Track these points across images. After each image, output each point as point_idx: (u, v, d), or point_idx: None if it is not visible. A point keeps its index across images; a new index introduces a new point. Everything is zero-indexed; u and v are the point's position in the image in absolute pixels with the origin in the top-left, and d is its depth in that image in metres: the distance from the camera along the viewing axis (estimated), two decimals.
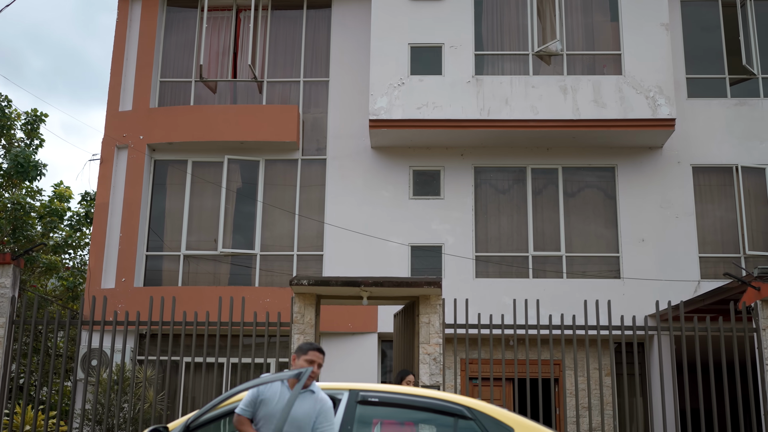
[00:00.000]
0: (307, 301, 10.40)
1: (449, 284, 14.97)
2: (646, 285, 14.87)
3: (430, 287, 10.00)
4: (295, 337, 10.29)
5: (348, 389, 6.47)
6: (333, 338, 15.13)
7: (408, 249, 15.66)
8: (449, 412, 6.30)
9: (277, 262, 15.99)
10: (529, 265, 15.54)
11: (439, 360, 10.13)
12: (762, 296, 10.02)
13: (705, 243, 15.58)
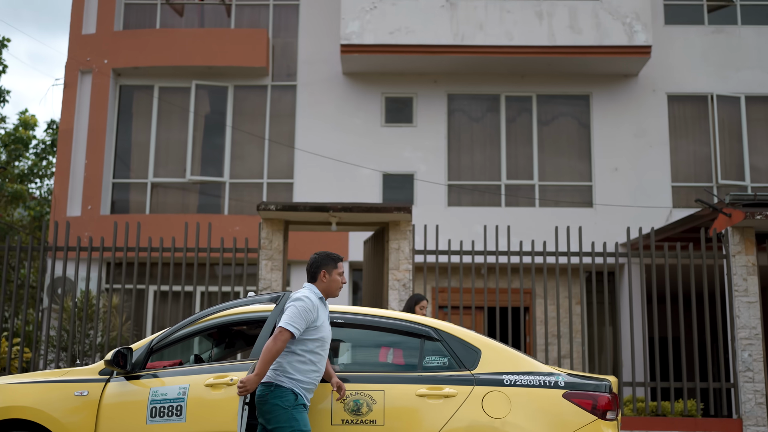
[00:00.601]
0: (275, 227, 10.20)
1: (421, 213, 14.83)
2: (619, 214, 14.81)
3: (400, 213, 9.83)
4: (263, 264, 10.13)
5: None
6: (302, 266, 14.98)
7: (380, 177, 15.45)
8: (416, 333, 6.19)
9: (246, 190, 15.75)
10: (501, 194, 15.41)
11: (408, 286, 10.02)
12: (733, 223, 9.95)
13: (678, 172, 15.50)
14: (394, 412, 5.82)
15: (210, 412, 5.78)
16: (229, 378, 5.87)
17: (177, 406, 5.86)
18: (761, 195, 10.24)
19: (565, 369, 6.41)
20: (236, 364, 6.01)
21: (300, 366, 5.58)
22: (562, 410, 5.86)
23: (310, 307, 5.60)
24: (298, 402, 5.52)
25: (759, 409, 9.67)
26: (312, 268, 5.84)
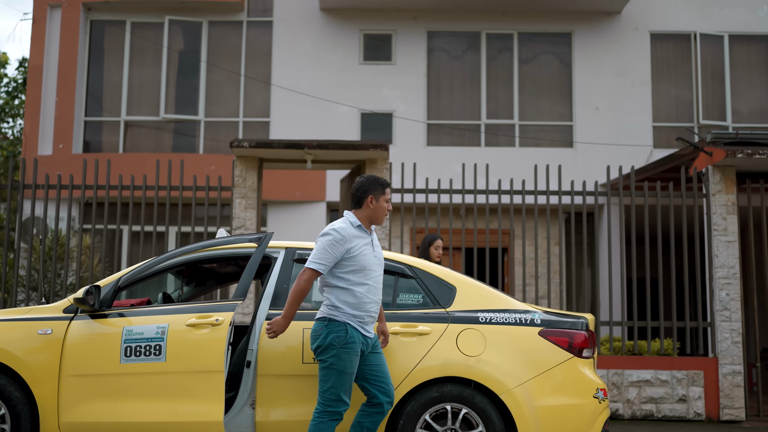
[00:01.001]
0: (249, 164, 9.98)
1: (400, 152, 14.62)
2: (599, 155, 14.65)
3: (377, 150, 9.63)
4: (237, 202, 9.92)
5: (284, 247, 6.17)
6: (280, 207, 14.81)
7: (358, 116, 15.19)
8: (390, 270, 6.04)
9: (222, 129, 15.45)
10: (481, 133, 15.20)
11: (385, 225, 9.86)
12: (714, 161, 9.83)
13: (659, 112, 15.34)
14: None
15: (193, 352, 5.69)
16: (214, 318, 5.74)
17: (155, 345, 5.73)
18: (743, 133, 10.09)
19: (542, 307, 6.30)
20: (221, 304, 5.88)
21: (349, 299, 5.35)
22: (537, 348, 5.77)
23: (338, 239, 5.31)
24: (349, 340, 5.30)
25: (735, 348, 9.67)
26: (358, 192, 5.52)
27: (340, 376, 5.29)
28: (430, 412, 5.63)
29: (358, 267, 5.39)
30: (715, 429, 9.06)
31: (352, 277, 5.38)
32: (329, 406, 5.31)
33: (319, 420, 5.31)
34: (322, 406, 5.31)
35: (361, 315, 5.38)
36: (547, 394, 5.68)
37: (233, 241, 6.35)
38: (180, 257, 6.20)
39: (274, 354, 5.73)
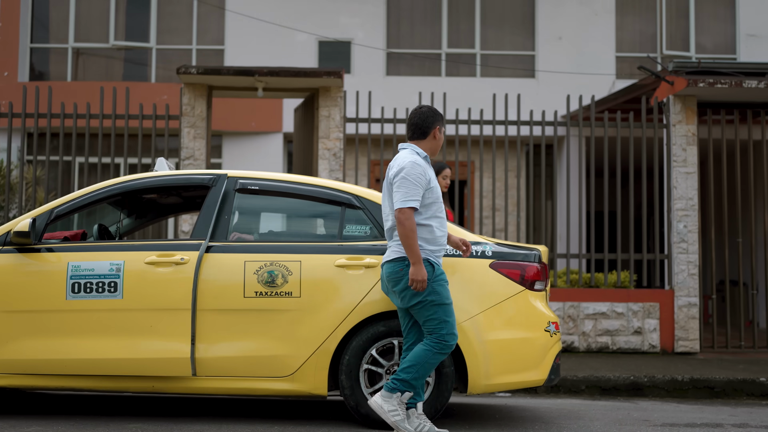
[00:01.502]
0: (198, 92, 9.59)
1: (358, 82, 14.23)
2: (561, 86, 14.37)
3: (330, 77, 9.28)
4: (185, 131, 9.56)
5: (223, 176, 5.88)
6: (235, 138, 14.43)
7: (315, 44, 14.74)
8: (336, 201, 5.80)
9: (175, 57, 14.92)
10: (442, 62, 14.85)
11: (339, 156, 9.58)
12: (675, 91, 9.62)
13: (623, 42, 15.08)
14: (312, 284, 5.50)
15: (156, 290, 5.49)
16: (179, 257, 5.50)
17: (110, 282, 5.49)
18: (706, 62, 9.88)
19: (495, 239, 6.10)
20: (184, 243, 5.67)
21: (428, 235, 5.15)
22: (488, 281, 5.60)
23: (421, 171, 5.10)
24: (437, 273, 5.11)
25: (691, 280, 9.62)
26: (424, 123, 5.29)
27: (443, 308, 5.10)
28: (376, 347, 5.46)
29: (433, 199, 5.20)
30: (668, 361, 9.04)
31: (427, 211, 5.17)
32: (444, 339, 5.08)
33: (431, 348, 5.06)
34: (436, 340, 5.07)
35: (437, 249, 5.19)
36: (497, 328, 5.53)
37: (173, 171, 6.07)
38: (117, 186, 5.89)
39: (213, 288, 5.50)
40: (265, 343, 5.46)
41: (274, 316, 5.46)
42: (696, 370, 8.38)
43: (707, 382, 7.95)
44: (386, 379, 5.42)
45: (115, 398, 6.71)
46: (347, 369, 5.43)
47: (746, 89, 9.38)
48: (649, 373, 8.06)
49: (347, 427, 5.49)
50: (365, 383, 5.45)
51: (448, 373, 5.44)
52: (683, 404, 7.47)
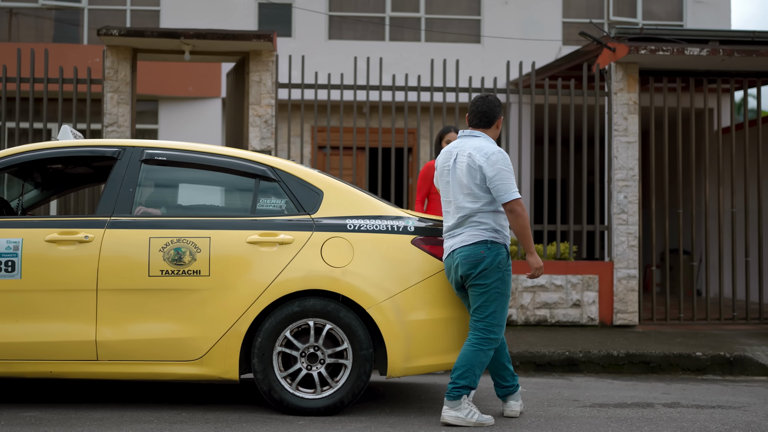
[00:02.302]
0: (121, 55, 9.11)
1: (299, 46, 13.79)
2: (507, 52, 14.06)
3: (260, 40, 8.86)
4: (108, 96, 9.09)
5: (128, 146, 5.49)
6: (171, 103, 13.93)
7: (255, 6, 14.24)
8: (250, 172, 5.45)
9: (108, 17, 14.29)
10: (386, 26, 14.44)
11: (271, 123, 9.19)
12: (616, 58, 9.37)
13: (570, 7, 14.80)
14: (221, 262, 5.17)
15: (55, 270, 5.12)
16: (83, 235, 5.11)
17: (7, 261, 5.08)
18: (648, 28, 9.65)
19: (418, 213, 5.81)
20: (88, 219, 5.27)
21: (504, 223, 5.15)
22: (409, 258, 5.31)
23: (509, 161, 5.11)
24: (509, 263, 5.11)
25: (631, 251, 9.45)
26: (492, 112, 5.21)
27: (502, 300, 5.07)
28: (291, 329, 5.16)
29: None
30: (605, 334, 8.88)
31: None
32: (491, 332, 5.03)
33: (479, 348, 5.01)
34: (483, 333, 5.02)
35: (509, 238, 5.21)
36: (419, 308, 5.26)
37: (76, 141, 5.67)
38: (11, 158, 5.47)
39: (116, 267, 5.14)
40: (171, 325, 5.13)
41: (181, 296, 5.13)
42: (632, 344, 8.23)
43: (643, 357, 7.79)
44: (301, 362, 5.12)
45: (8, 383, 6.29)
46: (260, 352, 5.13)
47: (688, 57, 9.17)
48: (585, 349, 7.88)
49: (259, 413, 5.20)
50: (279, 367, 5.15)
51: (366, 356, 5.17)
52: (618, 380, 7.31)
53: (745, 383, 7.32)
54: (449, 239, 5.16)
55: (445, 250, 5.18)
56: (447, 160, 5.22)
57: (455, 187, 5.13)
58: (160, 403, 5.47)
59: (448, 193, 5.20)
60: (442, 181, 5.28)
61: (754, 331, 9.51)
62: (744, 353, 7.94)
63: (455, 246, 5.08)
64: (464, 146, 5.15)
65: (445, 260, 5.19)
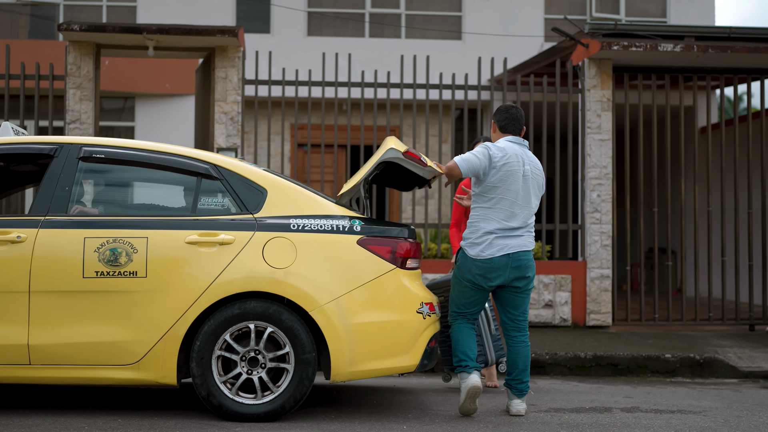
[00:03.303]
0: (84, 50, 8.94)
1: (277, 43, 13.65)
2: (488, 48, 13.86)
3: (225, 36, 8.69)
4: (71, 93, 8.92)
5: (65, 143, 5.32)
6: (148, 101, 13.77)
7: (232, 2, 14.07)
8: (192, 171, 5.29)
9: (84, 13, 14.13)
10: (365, 23, 14.27)
11: (237, 120, 9.02)
12: (590, 54, 9.20)
13: (552, 4, 14.63)
14: (159, 262, 5.00)
15: None
16: (15, 235, 4.95)
17: None
18: (623, 24, 9.48)
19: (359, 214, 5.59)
20: (20, 219, 5.09)
21: None
22: (355, 259, 5.14)
23: None
24: None
25: (604, 251, 9.28)
26: (522, 120, 5.52)
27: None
28: (231, 332, 4.99)
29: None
30: (576, 336, 8.72)
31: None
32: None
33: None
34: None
35: None
36: (363, 310, 5.10)
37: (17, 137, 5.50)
38: None
39: (49, 268, 4.97)
40: (107, 328, 4.96)
41: (116, 298, 4.96)
42: (602, 346, 8.06)
43: (611, 359, 7.63)
44: (241, 367, 4.96)
45: None
46: (198, 356, 4.96)
47: (662, 53, 9.00)
48: (552, 350, 7.72)
49: (198, 420, 5.03)
50: (218, 371, 4.98)
51: (309, 360, 5.00)
52: (584, 383, 7.15)
53: (714, 386, 7.16)
54: (509, 239, 5.27)
55: (500, 248, 5.24)
56: (518, 163, 5.32)
57: (534, 189, 5.40)
58: (99, 409, 5.30)
59: (517, 192, 5.30)
60: (508, 177, 5.28)
61: (730, 331, 9.35)
62: (714, 355, 7.77)
63: (519, 248, 5.28)
64: (528, 155, 5.43)
65: (499, 258, 5.24)
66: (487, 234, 5.28)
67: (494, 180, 5.27)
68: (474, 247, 5.31)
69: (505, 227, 5.26)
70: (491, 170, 5.28)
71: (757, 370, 7.60)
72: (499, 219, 5.28)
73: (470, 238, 5.35)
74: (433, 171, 5.38)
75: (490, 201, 5.31)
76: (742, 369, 7.62)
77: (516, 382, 5.40)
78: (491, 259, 5.25)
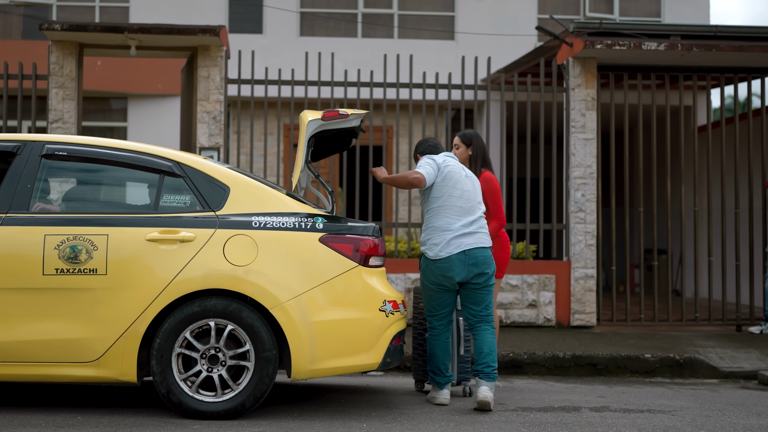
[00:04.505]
0: (67, 50, 8.95)
1: (270, 43, 13.66)
2: (481, 49, 13.85)
3: (206, 35, 8.69)
4: (53, 92, 8.93)
5: (28, 141, 5.32)
6: (140, 101, 13.79)
7: (225, 2, 14.07)
8: (154, 168, 5.27)
9: (78, 13, 14.17)
10: (358, 23, 14.25)
11: (219, 119, 9.02)
12: (574, 53, 9.16)
13: (545, 3, 14.58)
14: (119, 260, 4.99)
15: None
16: None
17: None
18: (608, 23, 9.43)
19: (322, 211, 5.57)
20: None
21: None
22: (317, 256, 5.12)
23: None
24: None
25: (588, 251, 9.23)
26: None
27: None
28: (191, 329, 4.98)
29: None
30: (558, 335, 8.67)
31: None
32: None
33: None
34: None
35: None
36: (324, 308, 5.08)
37: None
38: None
39: (8, 265, 4.97)
40: (66, 326, 4.95)
41: (76, 295, 4.96)
42: (582, 345, 8.01)
43: (590, 359, 7.59)
44: (201, 364, 4.94)
45: None
46: (158, 353, 4.95)
47: (646, 51, 8.95)
48: (530, 350, 7.67)
49: (157, 417, 5.02)
50: (178, 369, 4.97)
51: (270, 357, 4.98)
52: (561, 383, 7.11)
53: (692, 386, 7.11)
54: (463, 237, 5.45)
55: (457, 246, 5.42)
56: (457, 167, 5.66)
57: (477, 188, 5.66)
58: (59, 406, 5.29)
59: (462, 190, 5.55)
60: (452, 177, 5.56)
61: (716, 332, 9.28)
62: (695, 355, 7.72)
63: (474, 245, 5.45)
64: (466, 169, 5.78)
65: (455, 256, 5.41)
66: (442, 232, 5.46)
67: (439, 180, 5.52)
68: (432, 248, 5.50)
69: (458, 225, 5.47)
70: (440, 171, 5.55)
71: (738, 371, 7.55)
72: (452, 215, 5.49)
73: (427, 241, 5.54)
74: (357, 115, 5.53)
75: (439, 200, 5.52)
76: (723, 369, 7.57)
77: (483, 366, 5.49)
78: (449, 257, 5.43)
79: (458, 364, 6.05)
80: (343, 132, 5.75)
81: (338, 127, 5.53)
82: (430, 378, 5.70)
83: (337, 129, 5.59)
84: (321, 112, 5.45)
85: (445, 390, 5.64)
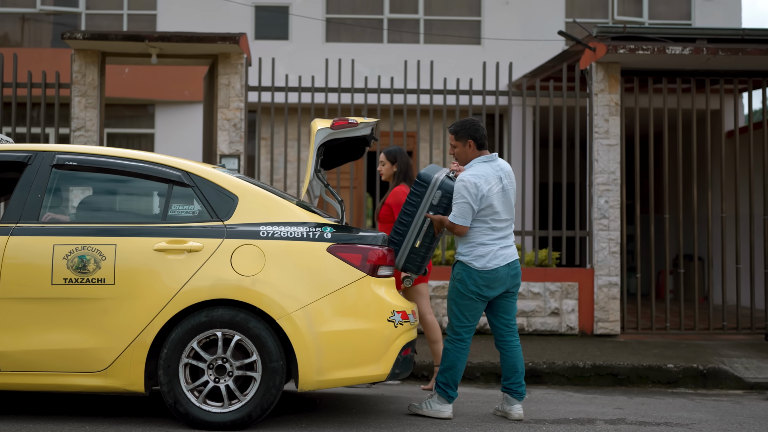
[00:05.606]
0: (89, 58, 9.02)
1: (296, 49, 13.68)
2: (508, 54, 13.73)
3: (226, 43, 8.71)
4: (76, 100, 9.01)
5: (39, 151, 5.35)
6: (168, 107, 13.87)
7: (251, 11, 14.12)
8: (163, 177, 5.28)
9: (105, 22, 14.30)
10: (384, 29, 14.21)
11: (240, 127, 9.03)
12: (597, 58, 9.04)
13: (573, 7, 14.42)
14: (127, 270, 5.00)
15: None
16: None
17: None
18: (632, 27, 9.30)
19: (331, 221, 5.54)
20: None
21: None
22: (325, 266, 5.09)
23: None
24: None
25: (612, 258, 9.09)
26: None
27: None
28: (198, 339, 4.97)
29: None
30: (580, 343, 8.54)
31: None
32: None
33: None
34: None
35: None
36: (333, 318, 5.04)
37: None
38: None
39: (18, 275, 5.00)
40: (75, 335, 4.97)
41: (85, 305, 4.97)
42: (604, 355, 7.88)
43: (610, 369, 7.46)
44: (208, 375, 4.93)
45: None
46: (165, 363, 4.94)
47: (670, 56, 8.80)
48: (550, 359, 7.57)
49: (165, 427, 5.01)
50: (186, 379, 4.96)
51: (277, 368, 4.95)
52: (580, 393, 7.00)
53: (715, 397, 6.96)
54: (505, 249, 5.51)
55: (503, 258, 5.47)
56: (496, 184, 5.47)
57: (512, 198, 5.56)
58: (68, 416, 5.30)
59: (503, 208, 5.50)
60: (494, 199, 5.44)
61: (743, 341, 9.09)
62: (720, 365, 7.56)
63: (514, 257, 5.54)
64: (500, 167, 5.55)
65: (502, 268, 5.46)
66: (487, 245, 5.46)
67: (483, 204, 5.45)
68: (479, 259, 5.45)
69: (499, 238, 5.50)
70: (480, 200, 5.43)
71: (764, 381, 7.37)
72: (495, 232, 5.49)
73: (472, 252, 5.47)
74: (367, 124, 5.49)
75: (480, 220, 5.46)
76: (748, 380, 7.40)
77: (516, 386, 5.58)
78: (497, 269, 5.46)
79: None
80: (354, 140, 5.73)
81: (348, 136, 5.50)
82: (441, 390, 5.55)
83: (347, 137, 5.56)
84: (330, 121, 5.43)
85: (450, 405, 5.56)
